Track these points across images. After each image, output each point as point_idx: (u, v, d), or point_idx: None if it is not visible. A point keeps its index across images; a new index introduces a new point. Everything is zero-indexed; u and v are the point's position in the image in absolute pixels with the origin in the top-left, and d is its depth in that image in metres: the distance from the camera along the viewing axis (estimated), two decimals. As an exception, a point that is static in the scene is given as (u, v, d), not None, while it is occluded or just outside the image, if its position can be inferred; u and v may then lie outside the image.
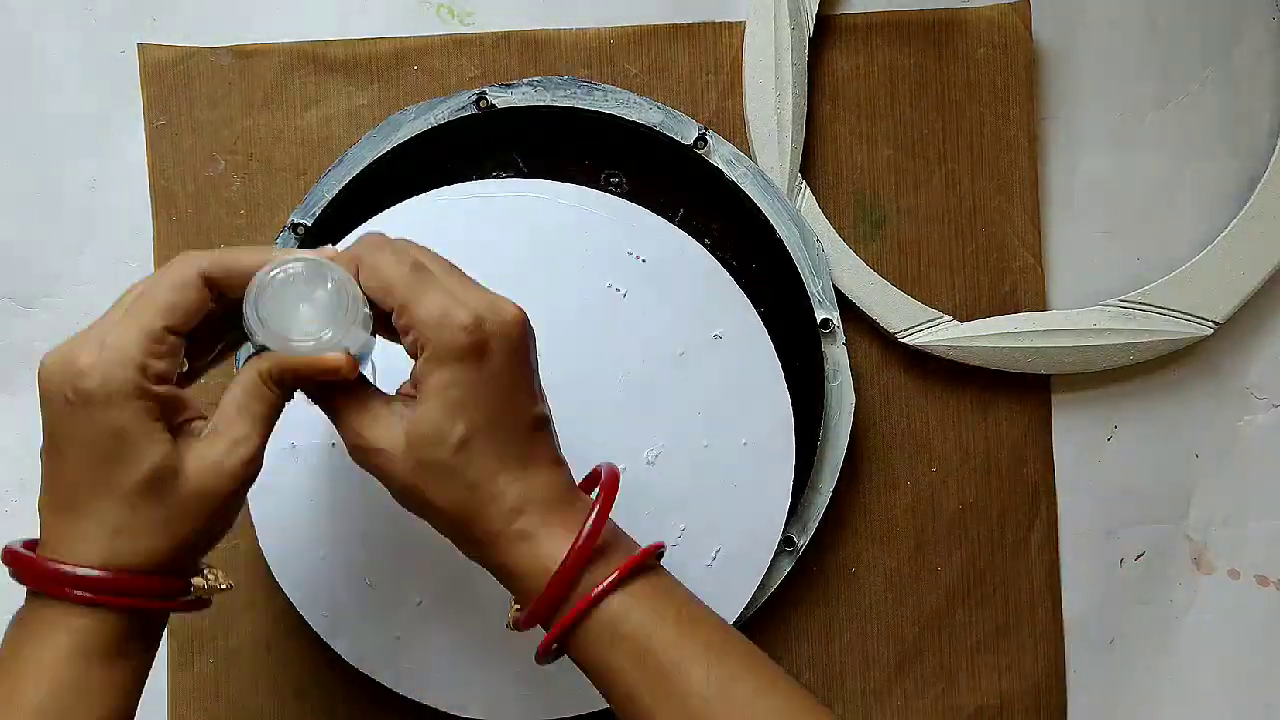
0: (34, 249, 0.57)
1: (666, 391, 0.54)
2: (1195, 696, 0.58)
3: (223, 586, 0.42)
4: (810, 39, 0.56)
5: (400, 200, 0.54)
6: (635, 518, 0.49)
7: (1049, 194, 0.58)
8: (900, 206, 0.57)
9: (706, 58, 0.56)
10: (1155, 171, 0.58)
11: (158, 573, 0.39)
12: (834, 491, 0.55)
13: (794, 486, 0.54)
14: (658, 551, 0.42)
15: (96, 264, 0.56)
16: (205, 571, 0.42)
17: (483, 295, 0.41)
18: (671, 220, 0.55)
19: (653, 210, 0.55)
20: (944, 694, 0.56)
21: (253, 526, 0.55)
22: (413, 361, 0.41)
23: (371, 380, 0.43)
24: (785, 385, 0.54)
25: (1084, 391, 0.58)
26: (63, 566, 0.38)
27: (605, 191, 0.55)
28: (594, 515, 0.41)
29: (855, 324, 0.56)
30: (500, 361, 0.40)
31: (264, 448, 0.41)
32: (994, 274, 0.57)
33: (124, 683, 0.40)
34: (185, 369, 0.41)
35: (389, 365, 0.44)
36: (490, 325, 0.40)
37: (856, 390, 0.55)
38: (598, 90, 0.55)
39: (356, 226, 0.54)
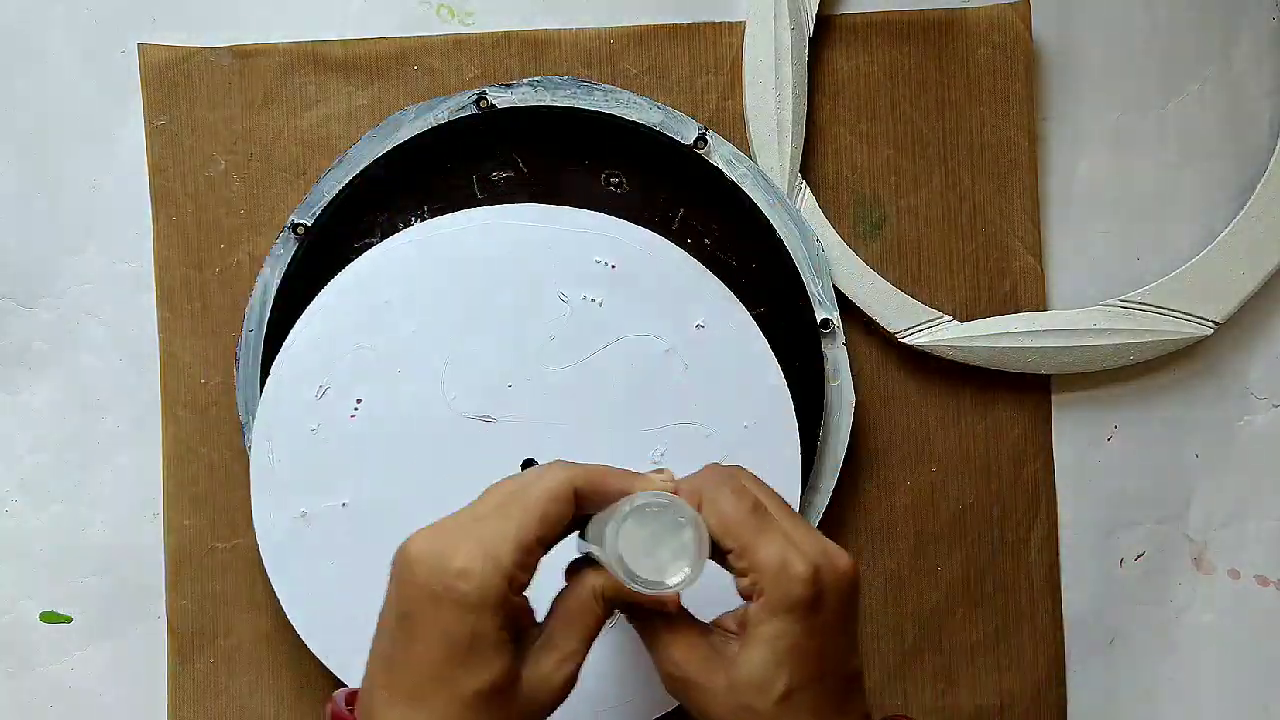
0: (34, 249, 0.57)
1: (660, 390, 0.54)
2: (1195, 696, 0.58)
3: None
4: (810, 39, 0.56)
5: (398, 199, 0.55)
6: None
7: (1049, 194, 0.58)
8: (900, 206, 0.57)
9: (706, 58, 0.56)
10: (1155, 171, 0.58)
11: None
12: (834, 491, 0.55)
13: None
14: None
15: (96, 264, 0.56)
16: None
17: (818, 543, 0.41)
18: (671, 221, 0.55)
19: (653, 211, 0.55)
20: (944, 694, 0.56)
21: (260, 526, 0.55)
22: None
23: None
24: (775, 360, 0.54)
25: (1084, 391, 0.58)
26: None
27: (606, 189, 0.55)
28: None
29: (855, 324, 0.56)
30: (831, 615, 0.40)
31: (583, 664, 0.41)
32: (994, 274, 0.57)
33: None
34: None
35: None
36: (826, 576, 0.40)
37: (856, 390, 0.55)
38: (598, 90, 0.55)
39: (358, 225, 0.55)
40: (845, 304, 0.56)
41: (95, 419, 0.56)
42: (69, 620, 0.56)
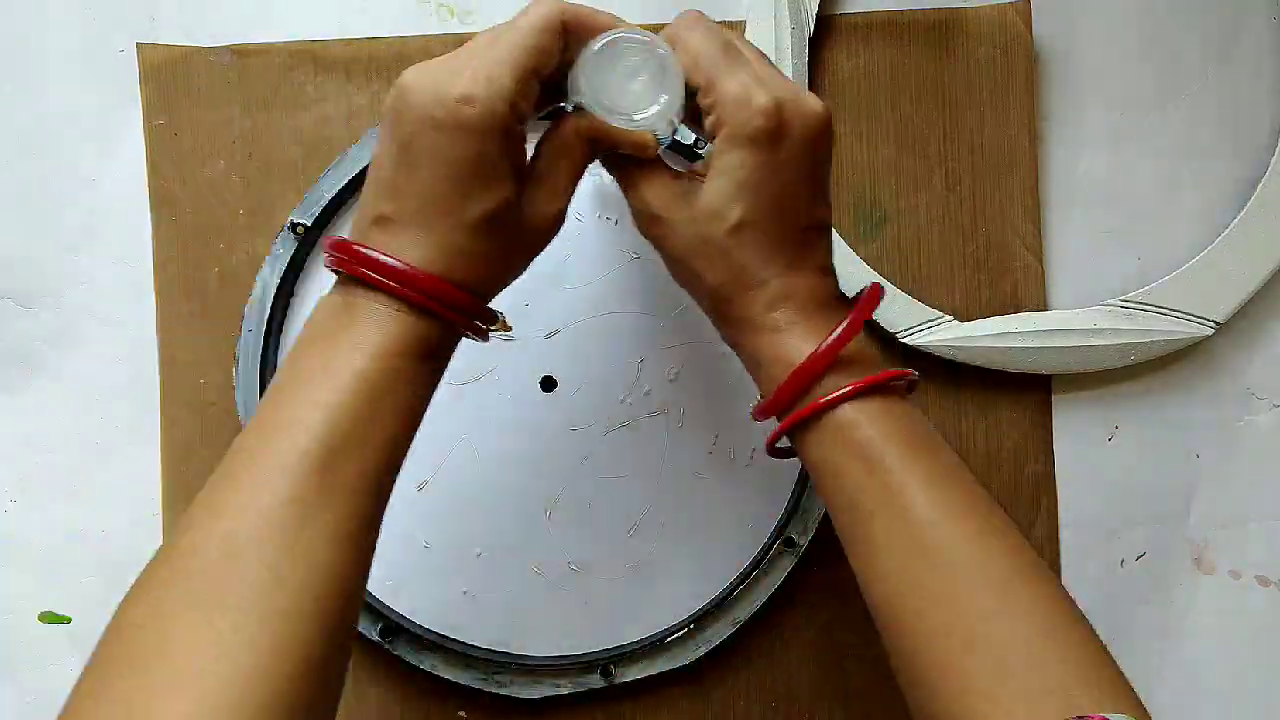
0: (34, 249, 0.57)
1: (676, 308, 0.55)
2: (1195, 696, 0.58)
3: (510, 329, 0.44)
4: (810, 39, 0.56)
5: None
6: (668, 433, 0.54)
7: (1049, 194, 0.58)
8: (900, 206, 0.57)
9: (706, 58, 0.56)
10: (1155, 171, 0.58)
11: (474, 296, 0.41)
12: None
13: (795, 487, 0.55)
14: (906, 381, 0.43)
15: (96, 264, 0.56)
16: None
17: (788, 85, 0.41)
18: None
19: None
20: (944, 694, 0.56)
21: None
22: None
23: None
24: None
25: (1084, 391, 0.58)
26: (399, 264, 0.39)
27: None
28: (845, 323, 0.41)
29: (855, 324, 0.56)
30: (792, 152, 0.41)
31: (569, 204, 0.43)
32: (994, 274, 0.57)
33: (423, 389, 0.41)
34: None
35: None
36: (789, 113, 0.40)
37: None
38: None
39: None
40: (845, 304, 0.56)
41: (95, 419, 0.56)
42: (68, 621, 0.56)
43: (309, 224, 0.54)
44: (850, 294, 0.45)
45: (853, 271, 0.56)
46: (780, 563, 0.54)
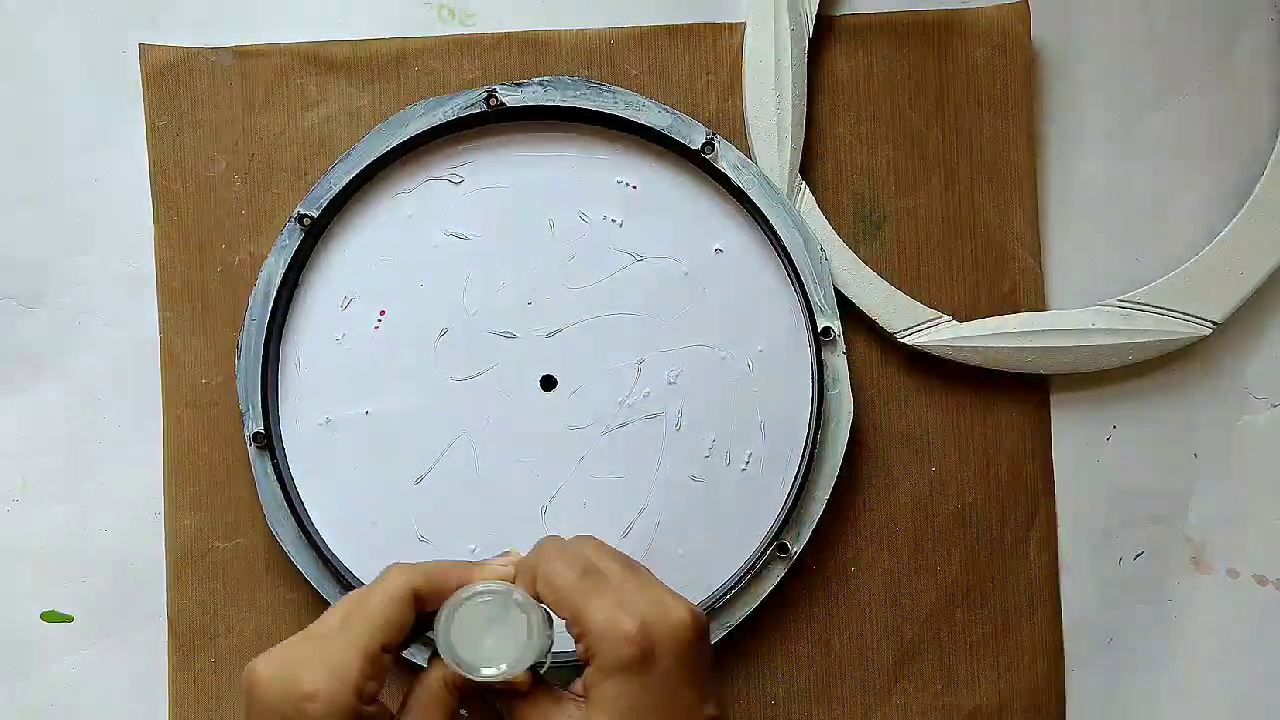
0: (34, 249, 0.57)
1: (677, 311, 0.55)
2: (1195, 696, 0.58)
3: None
4: (810, 39, 0.56)
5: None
6: (665, 435, 0.54)
7: (1049, 194, 0.58)
8: (900, 206, 0.57)
9: (706, 58, 0.57)
10: (1155, 171, 0.58)
11: None
12: (833, 492, 0.54)
13: (790, 494, 0.55)
14: None
15: (96, 264, 0.56)
16: None
17: (652, 598, 0.41)
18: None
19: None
20: (942, 694, 0.57)
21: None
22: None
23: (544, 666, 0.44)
24: (792, 289, 0.55)
25: (1083, 391, 0.58)
26: None
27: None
28: None
29: (855, 324, 0.56)
30: (667, 666, 0.40)
31: None
32: (994, 274, 0.57)
33: None
34: None
35: None
36: (657, 631, 0.40)
37: (856, 391, 0.55)
38: (607, 92, 0.55)
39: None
40: (844, 304, 0.56)
41: (96, 419, 0.56)
42: (70, 620, 0.56)
43: (315, 215, 0.54)
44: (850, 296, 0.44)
45: (853, 271, 0.56)
46: (773, 569, 0.54)
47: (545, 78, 0.55)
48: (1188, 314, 0.56)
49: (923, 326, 0.56)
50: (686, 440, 0.55)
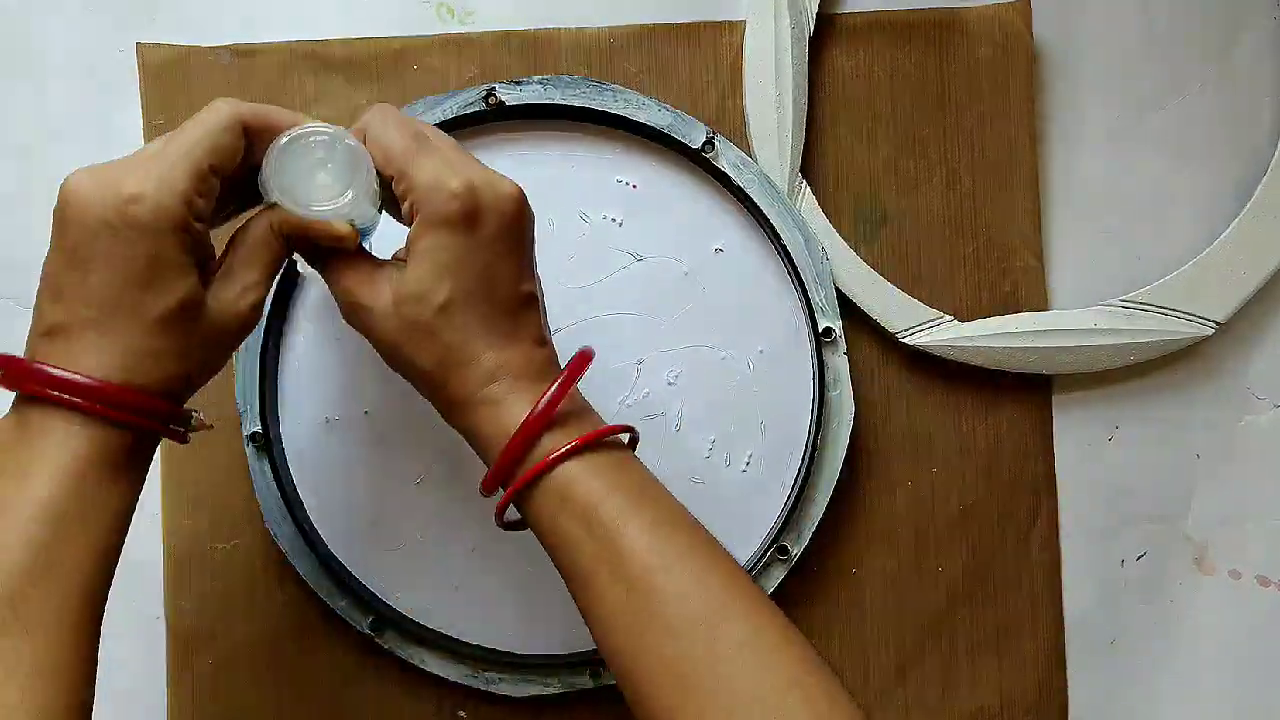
0: (34, 249, 0.56)
1: (677, 311, 0.55)
2: (1195, 696, 0.58)
3: (209, 424, 0.44)
4: (810, 39, 0.56)
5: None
6: (665, 436, 0.55)
7: (1049, 194, 0.58)
8: (900, 206, 0.57)
9: (706, 58, 0.56)
10: (1155, 171, 0.58)
11: (163, 398, 0.40)
12: (831, 499, 0.54)
13: (790, 496, 0.54)
14: (627, 434, 0.44)
15: (96, 264, 0.56)
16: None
17: (480, 168, 0.42)
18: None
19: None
20: (944, 694, 0.56)
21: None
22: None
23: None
24: (793, 289, 0.55)
25: (1084, 391, 0.58)
26: (76, 378, 0.38)
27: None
28: (556, 385, 0.42)
29: (855, 324, 0.56)
30: (491, 232, 0.41)
31: (267, 297, 0.43)
32: (994, 274, 0.57)
33: (120, 504, 0.40)
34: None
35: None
36: (484, 195, 0.41)
37: (857, 391, 0.55)
38: (607, 91, 0.55)
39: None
40: (845, 304, 0.56)
41: (95, 419, 0.56)
42: (68, 620, 0.56)
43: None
44: (854, 291, 0.45)
45: (854, 271, 0.56)
46: (773, 571, 0.54)
47: (545, 76, 0.55)
48: (1190, 314, 0.56)
49: (924, 326, 0.56)
50: (686, 441, 0.55)
